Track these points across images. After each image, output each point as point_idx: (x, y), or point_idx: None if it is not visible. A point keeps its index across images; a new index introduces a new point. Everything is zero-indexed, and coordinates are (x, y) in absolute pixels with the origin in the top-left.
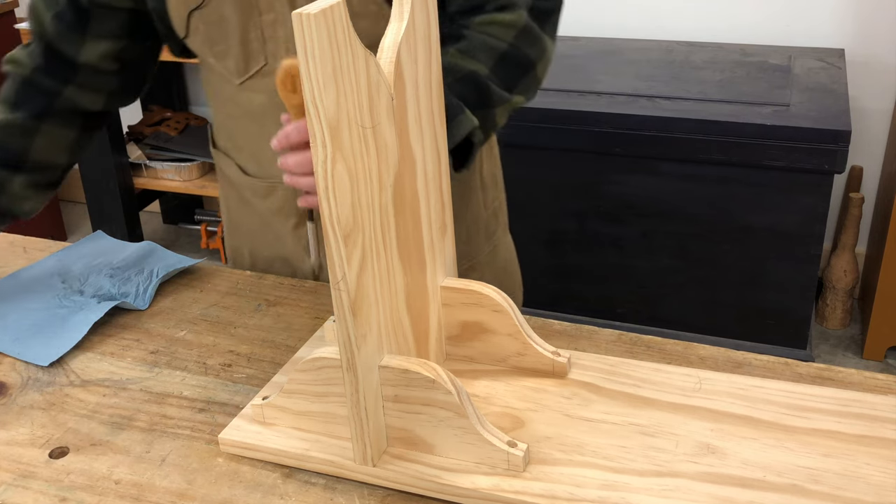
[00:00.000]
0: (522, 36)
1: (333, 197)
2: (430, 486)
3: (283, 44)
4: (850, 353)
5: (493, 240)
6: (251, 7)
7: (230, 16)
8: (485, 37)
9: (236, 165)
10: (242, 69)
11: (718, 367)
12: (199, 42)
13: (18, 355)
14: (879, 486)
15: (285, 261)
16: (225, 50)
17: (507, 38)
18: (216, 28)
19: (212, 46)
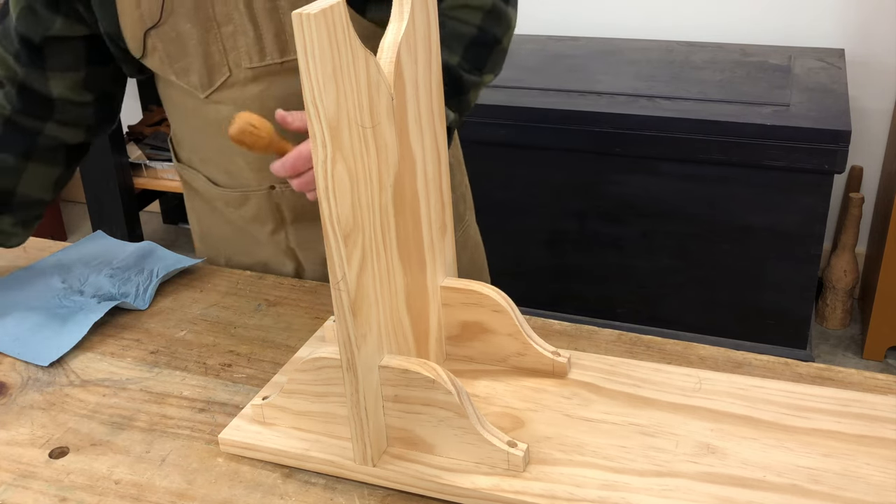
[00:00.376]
0: (489, 17)
1: (333, 197)
2: (430, 486)
3: (245, 54)
4: (850, 353)
5: (464, 223)
6: (209, 20)
7: (188, 31)
8: (454, 23)
9: (204, 177)
10: (206, 83)
11: (718, 367)
12: (157, 60)
13: (18, 355)
14: (879, 486)
15: (265, 266)
16: (186, 66)
17: (476, 21)
18: (175, 45)
19: (172, 63)
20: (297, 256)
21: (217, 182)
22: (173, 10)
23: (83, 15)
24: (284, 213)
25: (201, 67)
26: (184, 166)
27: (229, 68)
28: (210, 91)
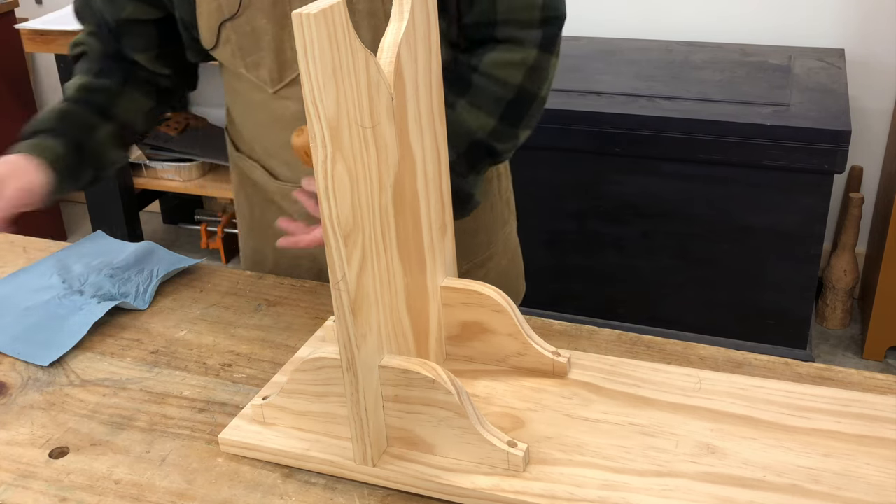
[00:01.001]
0: (531, 75)
1: (333, 197)
2: (430, 486)
3: None
4: (850, 353)
5: (507, 228)
6: (284, 17)
7: (264, 26)
8: (493, 85)
9: (263, 169)
10: (277, 78)
11: (718, 367)
12: (228, 52)
13: (18, 355)
14: (879, 486)
15: (314, 259)
16: (258, 60)
17: (516, 80)
18: (249, 38)
19: (244, 57)
20: None
21: (277, 175)
22: (251, 3)
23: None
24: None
25: (272, 63)
26: (242, 156)
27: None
28: (280, 86)
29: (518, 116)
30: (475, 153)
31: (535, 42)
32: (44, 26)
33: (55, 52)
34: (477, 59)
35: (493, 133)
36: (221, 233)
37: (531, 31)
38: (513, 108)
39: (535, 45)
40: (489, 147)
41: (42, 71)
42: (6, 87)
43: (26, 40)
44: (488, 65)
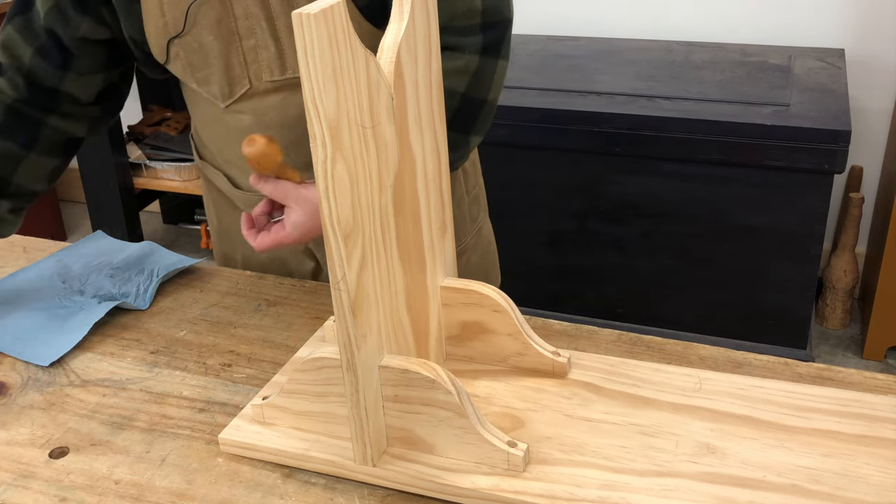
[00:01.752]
0: (474, 81)
1: (333, 197)
2: (430, 486)
3: (267, 67)
4: (850, 353)
5: (477, 223)
6: (231, 34)
7: (210, 43)
8: None
9: (226, 177)
10: (227, 93)
11: (718, 367)
12: (179, 68)
13: (18, 355)
14: (879, 486)
15: (283, 263)
16: (207, 76)
17: (461, 88)
18: (197, 55)
19: (193, 73)
20: (315, 257)
21: (238, 185)
22: (196, 21)
23: (107, 18)
24: None
25: (222, 78)
26: (206, 164)
27: (250, 80)
28: (230, 101)
29: (467, 124)
30: None
31: (476, 48)
32: None
33: None
34: None
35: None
36: None
37: (471, 38)
38: (460, 116)
39: (476, 50)
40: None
41: None
42: None
43: None
44: None
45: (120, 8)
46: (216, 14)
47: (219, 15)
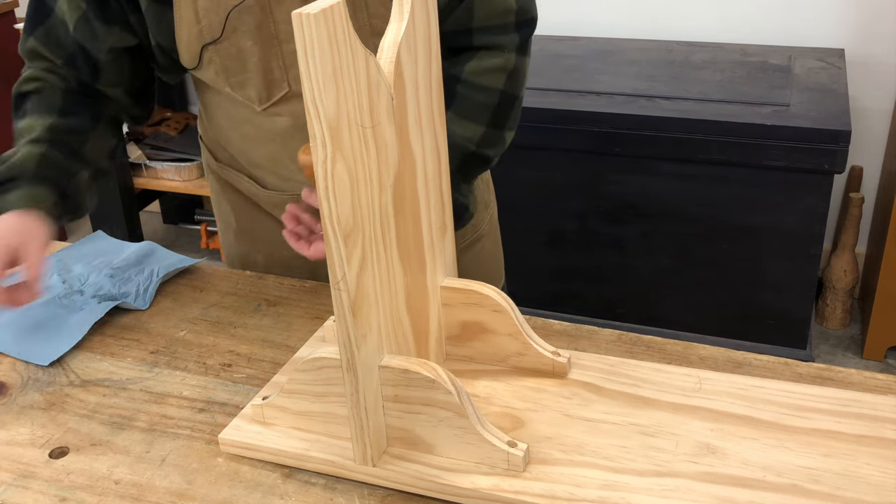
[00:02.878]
0: (511, 79)
1: (333, 197)
2: (430, 486)
3: None
4: (850, 353)
5: (490, 209)
6: (271, 38)
7: (249, 49)
8: (477, 93)
9: (251, 179)
10: (265, 97)
11: (718, 367)
12: (212, 73)
13: (18, 355)
14: (879, 486)
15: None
16: (243, 80)
17: (499, 85)
18: (234, 60)
19: (228, 77)
20: None
21: (265, 185)
22: (235, 28)
23: (134, 27)
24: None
25: (260, 83)
26: (224, 167)
27: (289, 84)
28: (268, 105)
29: (503, 120)
30: (469, 165)
31: (514, 46)
32: None
33: None
34: (458, 68)
35: (482, 141)
36: None
37: (508, 36)
38: (497, 112)
39: (513, 48)
40: (482, 156)
41: None
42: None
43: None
44: (470, 73)
45: (151, 17)
46: (256, 20)
47: (259, 20)
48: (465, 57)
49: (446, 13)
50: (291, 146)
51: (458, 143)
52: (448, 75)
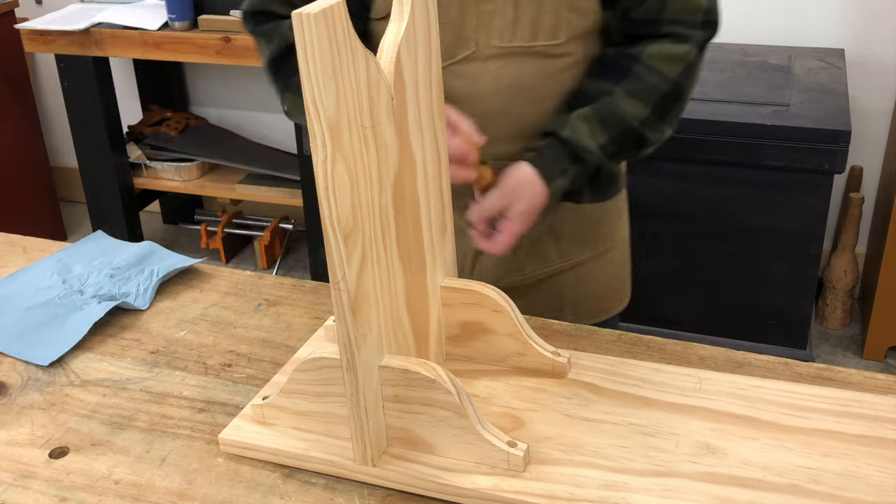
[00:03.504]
0: (687, 71)
1: (333, 197)
2: (430, 486)
3: (497, 32)
4: (850, 353)
5: (621, 222)
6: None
7: (449, 2)
8: (651, 75)
9: None
10: (451, 53)
11: (718, 367)
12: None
13: (18, 355)
14: (879, 486)
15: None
16: None
17: (674, 74)
18: None
19: None
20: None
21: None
22: None
23: None
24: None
25: (450, 37)
26: None
27: (476, 44)
28: (450, 62)
29: (667, 110)
30: (626, 140)
31: (698, 41)
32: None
33: (55, 52)
34: (639, 48)
35: (645, 122)
36: (221, 233)
37: (694, 31)
38: (665, 101)
39: (696, 43)
40: (641, 136)
41: (42, 71)
42: (6, 87)
43: (26, 40)
44: (651, 56)
45: None
46: None
47: None
48: (649, 41)
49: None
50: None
51: (622, 117)
52: (625, 54)
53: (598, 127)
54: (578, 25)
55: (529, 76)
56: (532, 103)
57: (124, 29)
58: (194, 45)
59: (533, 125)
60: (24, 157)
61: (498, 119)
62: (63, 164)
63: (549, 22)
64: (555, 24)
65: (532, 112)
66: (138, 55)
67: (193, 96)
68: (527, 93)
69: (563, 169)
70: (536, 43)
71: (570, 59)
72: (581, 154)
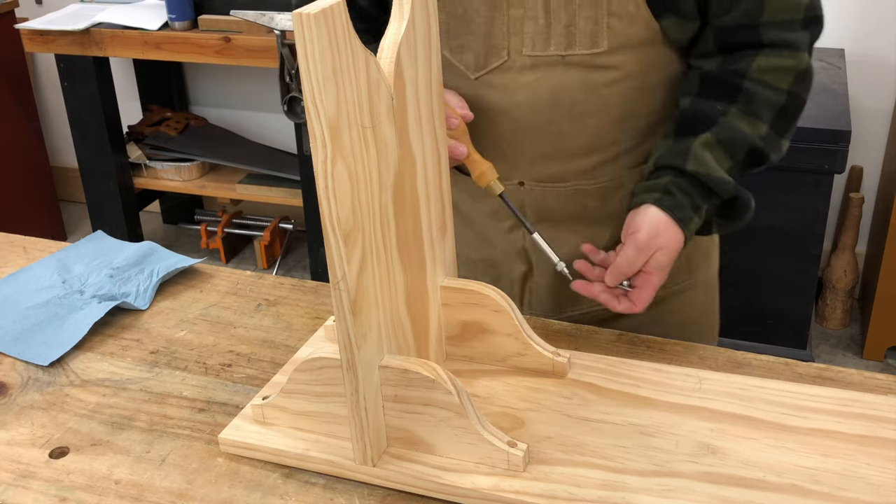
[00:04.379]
0: (800, 80)
1: (333, 197)
2: (430, 486)
3: (530, 40)
4: (850, 353)
5: (708, 262)
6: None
7: (476, 8)
8: (764, 90)
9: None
10: (482, 64)
11: (718, 367)
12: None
13: (18, 355)
14: (879, 486)
15: (493, 265)
16: (464, 44)
17: (786, 85)
18: (459, 20)
19: (449, 39)
20: (529, 259)
21: (464, 169)
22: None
23: None
24: (527, 212)
25: (480, 46)
26: None
27: (508, 52)
28: (482, 73)
29: (783, 125)
30: (749, 161)
31: (805, 45)
32: (44, 26)
33: (55, 52)
34: (743, 63)
35: (766, 139)
36: (221, 233)
37: (798, 34)
38: (782, 115)
39: (804, 48)
40: (763, 154)
41: (42, 71)
42: (6, 87)
43: (26, 40)
44: (758, 70)
45: None
46: None
47: None
48: (750, 53)
49: (731, 5)
50: (498, 126)
51: (744, 138)
52: (729, 71)
53: (722, 152)
54: (623, 32)
55: (569, 89)
56: (573, 120)
57: (124, 29)
58: (194, 45)
59: (575, 144)
60: (24, 157)
61: (535, 135)
62: (63, 164)
63: (587, 28)
64: (593, 31)
65: (573, 130)
66: (138, 55)
67: (193, 96)
68: (567, 108)
69: (697, 206)
70: (573, 52)
71: (617, 72)
72: (714, 187)
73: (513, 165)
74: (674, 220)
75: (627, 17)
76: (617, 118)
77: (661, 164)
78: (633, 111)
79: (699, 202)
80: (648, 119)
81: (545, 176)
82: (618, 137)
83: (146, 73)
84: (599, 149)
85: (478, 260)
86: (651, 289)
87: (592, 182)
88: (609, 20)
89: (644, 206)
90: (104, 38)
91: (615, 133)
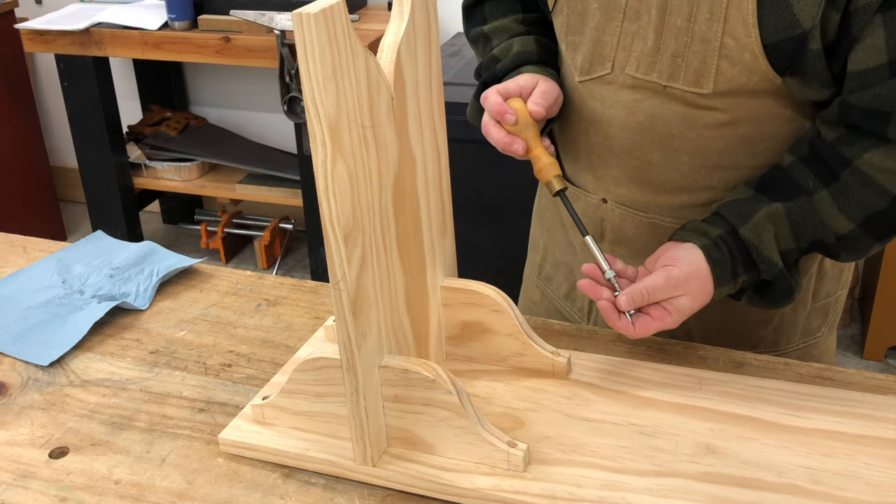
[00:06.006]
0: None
1: (333, 197)
2: (430, 486)
3: (634, 59)
4: (850, 353)
5: (810, 338)
6: (616, 10)
7: (592, 11)
8: (864, 189)
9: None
10: (587, 69)
11: (718, 367)
12: (559, 24)
13: (18, 355)
14: (879, 486)
15: (570, 270)
16: (578, 42)
17: (892, 191)
18: (577, 17)
19: (567, 34)
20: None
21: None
22: None
23: None
24: (606, 230)
25: (588, 51)
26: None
27: (613, 66)
28: (585, 78)
29: (881, 229)
30: (814, 251)
31: None
32: (44, 26)
33: (55, 52)
34: (853, 151)
35: (844, 238)
36: (221, 233)
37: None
38: (879, 219)
39: None
40: (832, 251)
41: (42, 71)
42: (6, 87)
43: (26, 40)
44: (867, 164)
45: None
46: None
47: None
48: (871, 143)
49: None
50: (592, 138)
51: (816, 228)
52: (838, 152)
53: (787, 231)
54: (732, 79)
55: (666, 121)
56: (666, 153)
57: (124, 29)
58: (194, 45)
59: (664, 177)
60: (24, 157)
61: (625, 158)
62: (63, 164)
63: (693, 64)
64: (699, 69)
65: (665, 162)
66: (138, 55)
67: (193, 96)
68: (661, 139)
69: (736, 273)
70: (675, 85)
71: (723, 116)
72: (757, 263)
73: (599, 180)
74: (712, 274)
75: (740, 64)
76: (714, 163)
77: (722, 213)
78: (733, 160)
79: (739, 270)
80: (751, 172)
81: (628, 200)
82: (712, 183)
83: (146, 72)
84: (689, 189)
85: (559, 263)
86: (659, 327)
87: (675, 220)
88: (719, 62)
89: (690, 244)
90: (104, 37)
91: (709, 178)
